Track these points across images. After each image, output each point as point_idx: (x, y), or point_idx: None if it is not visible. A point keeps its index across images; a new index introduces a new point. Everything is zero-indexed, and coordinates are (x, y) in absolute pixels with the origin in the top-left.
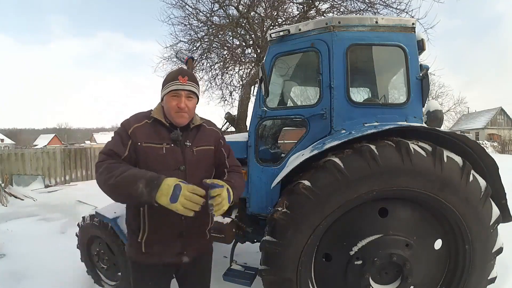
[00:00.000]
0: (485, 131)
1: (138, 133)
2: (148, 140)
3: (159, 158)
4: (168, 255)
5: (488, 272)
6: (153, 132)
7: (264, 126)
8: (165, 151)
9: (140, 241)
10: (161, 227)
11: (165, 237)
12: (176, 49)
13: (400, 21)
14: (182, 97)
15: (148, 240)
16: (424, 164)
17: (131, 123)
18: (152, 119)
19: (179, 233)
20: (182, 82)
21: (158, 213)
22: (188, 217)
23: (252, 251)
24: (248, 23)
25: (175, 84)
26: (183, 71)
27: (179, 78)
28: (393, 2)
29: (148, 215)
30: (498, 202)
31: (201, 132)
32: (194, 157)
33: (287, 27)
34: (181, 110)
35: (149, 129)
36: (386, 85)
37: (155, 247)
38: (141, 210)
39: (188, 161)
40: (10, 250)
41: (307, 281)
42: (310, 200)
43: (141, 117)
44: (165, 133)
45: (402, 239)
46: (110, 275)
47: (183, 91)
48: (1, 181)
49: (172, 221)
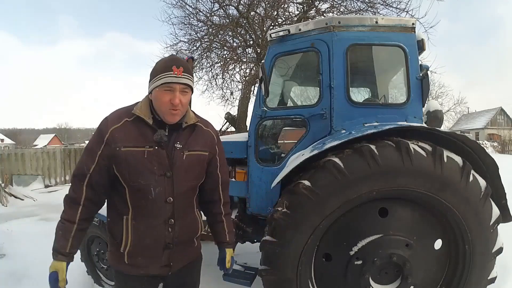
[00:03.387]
0: (485, 131)
1: (117, 136)
2: (128, 143)
3: (141, 163)
4: (153, 268)
5: (488, 272)
6: (135, 132)
7: (264, 126)
8: (147, 155)
9: (123, 251)
10: (146, 239)
11: (150, 249)
12: (176, 49)
13: (400, 21)
14: (176, 92)
15: (132, 252)
16: (424, 164)
17: (108, 124)
18: (133, 117)
19: (165, 245)
20: (177, 74)
21: (144, 225)
22: (176, 227)
23: (252, 251)
24: (248, 23)
25: (168, 76)
26: (177, 60)
27: (174, 69)
28: (393, 2)
29: (133, 227)
30: (498, 202)
31: (196, 134)
32: (184, 162)
33: (287, 27)
34: (175, 107)
35: (130, 130)
36: (386, 85)
37: (139, 259)
38: (125, 219)
39: (177, 166)
40: (10, 250)
41: (307, 281)
42: (310, 200)
43: (120, 115)
44: (148, 133)
45: (402, 239)
46: (110, 275)
47: (178, 84)
48: (1, 181)
49: (158, 233)
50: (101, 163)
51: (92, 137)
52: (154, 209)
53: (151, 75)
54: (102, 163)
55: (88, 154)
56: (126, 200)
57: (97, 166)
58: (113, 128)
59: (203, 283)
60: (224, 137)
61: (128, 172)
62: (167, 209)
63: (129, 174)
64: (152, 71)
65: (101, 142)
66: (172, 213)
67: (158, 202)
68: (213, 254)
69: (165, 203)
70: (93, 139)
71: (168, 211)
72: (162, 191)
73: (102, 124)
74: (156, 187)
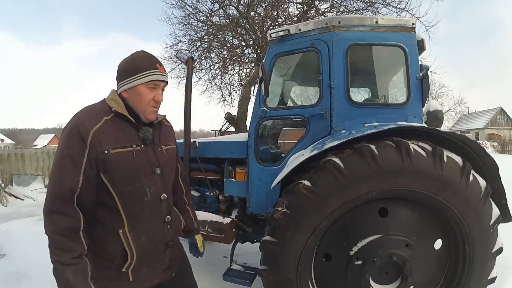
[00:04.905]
0: (485, 131)
1: (101, 137)
2: (115, 144)
3: (132, 164)
4: (156, 275)
5: (488, 272)
6: (117, 132)
7: (264, 126)
8: (136, 154)
9: (126, 270)
10: (150, 246)
11: (155, 255)
12: (176, 49)
13: (400, 21)
14: (159, 89)
15: (136, 266)
16: (424, 164)
17: (87, 125)
18: (112, 115)
19: (166, 244)
20: (162, 72)
21: (145, 231)
22: (172, 224)
23: (252, 251)
24: (248, 23)
25: (155, 73)
26: (157, 59)
27: (158, 67)
28: (393, 1)
29: (133, 238)
30: (498, 202)
31: (164, 129)
32: (165, 158)
33: (287, 27)
34: (157, 104)
35: (112, 129)
36: (386, 85)
37: (143, 270)
38: (121, 233)
39: (162, 162)
40: (10, 250)
41: (307, 281)
42: (310, 200)
43: (97, 114)
44: (131, 131)
45: (402, 239)
46: None
47: (163, 82)
48: (1, 181)
49: (160, 234)
50: (88, 172)
51: (66, 143)
52: (152, 210)
53: (128, 72)
54: (89, 172)
55: (70, 166)
56: (117, 211)
57: (84, 177)
58: (95, 129)
59: (203, 283)
60: (224, 137)
61: (120, 176)
62: (163, 206)
63: (122, 178)
64: (130, 67)
65: (84, 147)
66: (168, 210)
67: (154, 202)
68: (213, 254)
69: (160, 201)
70: (70, 145)
71: (164, 208)
72: (157, 190)
73: (76, 125)
74: (150, 187)
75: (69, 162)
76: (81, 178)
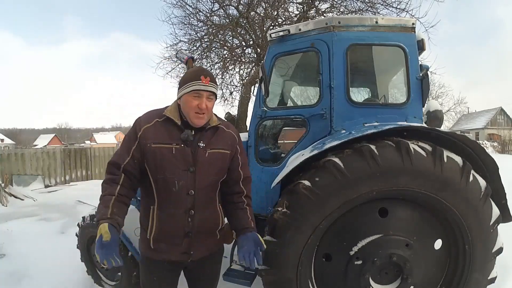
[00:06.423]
0: (485, 131)
1: (148, 134)
2: (158, 140)
3: (168, 158)
4: (174, 254)
5: (488, 272)
6: (164, 132)
7: (264, 126)
8: (175, 152)
9: (149, 237)
10: (167, 227)
11: (171, 236)
12: (176, 48)
13: (400, 21)
14: (203, 98)
15: (156, 238)
16: (424, 164)
17: (141, 124)
18: (164, 118)
19: (185, 233)
20: (204, 83)
21: (165, 214)
22: (195, 218)
23: None
24: (248, 23)
25: (197, 84)
26: (205, 71)
27: (202, 78)
28: (393, 2)
29: (157, 216)
30: (498, 202)
31: (218, 134)
32: (206, 159)
33: (287, 27)
34: (201, 111)
35: (160, 129)
36: (386, 85)
37: (162, 244)
38: (151, 209)
39: (199, 162)
40: (10, 250)
41: (307, 281)
42: (310, 200)
43: (152, 116)
44: (176, 133)
45: (402, 239)
46: (110, 275)
47: (205, 91)
48: (1, 181)
49: (178, 222)
50: (135, 156)
51: (128, 133)
52: (176, 200)
53: (180, 83)
54: (135, 156)
55: (124, 148)
56: (153, 192)
57: (131, 159)
58: (145, 128)
59: None
60: None
61: (155, 165)
62: (188, 200)
63: (156, 167)
64: (182, 80)
65: (135, 139)
66: (192, 205)
67: (180, 194)
68: None
69: (186, 195)
70: (129, 135)
71: (189, 202)
72: (185, 184)
73: (136, 123)
74: (179, 181)
75: (125, 145)
76: (128, 159)
